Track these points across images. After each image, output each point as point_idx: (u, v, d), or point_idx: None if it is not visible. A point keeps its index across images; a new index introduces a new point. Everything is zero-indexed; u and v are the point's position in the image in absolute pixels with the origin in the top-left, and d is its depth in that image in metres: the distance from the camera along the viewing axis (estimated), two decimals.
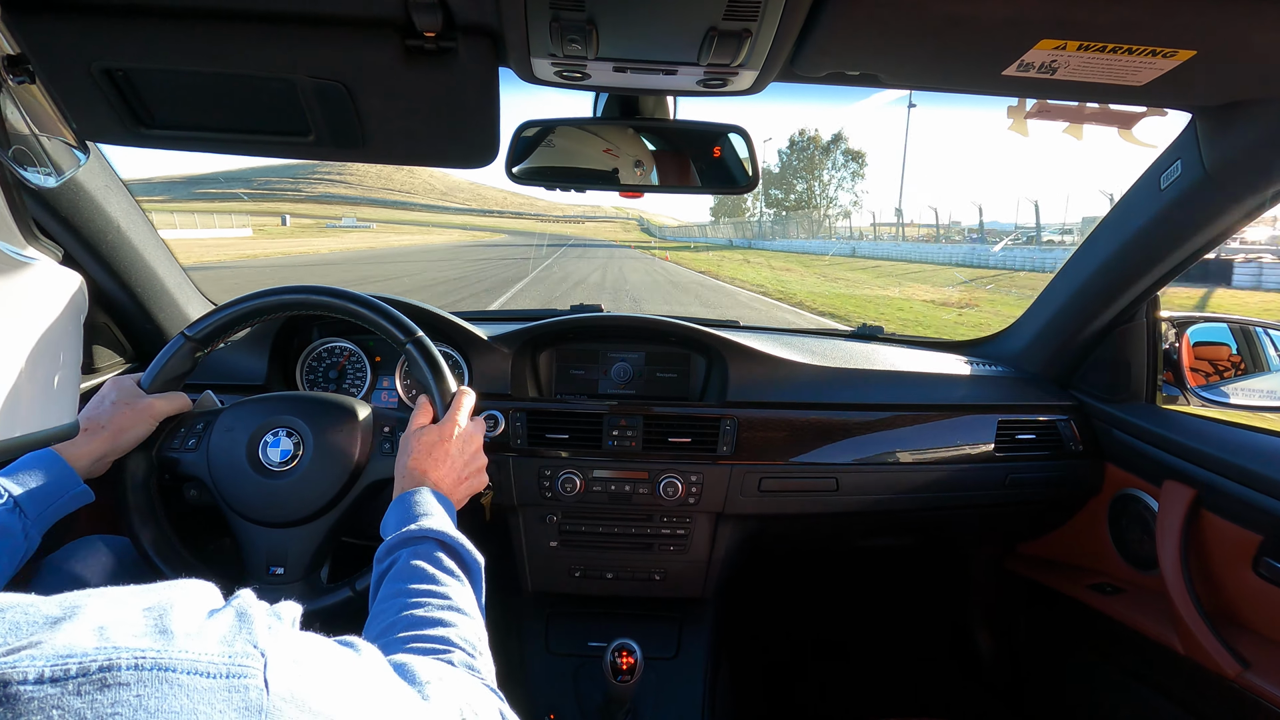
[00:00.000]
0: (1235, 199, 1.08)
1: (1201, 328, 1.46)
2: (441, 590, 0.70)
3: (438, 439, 0.91)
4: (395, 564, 0.74)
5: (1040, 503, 1.54)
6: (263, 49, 0.80)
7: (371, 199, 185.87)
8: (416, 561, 0.73)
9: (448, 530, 0.78)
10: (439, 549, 0.76)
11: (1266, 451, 1.16)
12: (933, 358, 1.64)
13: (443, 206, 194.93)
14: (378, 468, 1.01)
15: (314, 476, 0.98)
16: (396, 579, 0.72)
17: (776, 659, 2.02)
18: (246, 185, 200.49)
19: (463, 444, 0.93)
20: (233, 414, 1.01)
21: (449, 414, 0.95)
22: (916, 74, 0.88)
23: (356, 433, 1.01)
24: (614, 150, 1.12)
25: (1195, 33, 0.73)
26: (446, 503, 0.85)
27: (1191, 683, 1.23)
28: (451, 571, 0.74)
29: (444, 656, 0.62)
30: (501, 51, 0.84)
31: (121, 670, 0.30)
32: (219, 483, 0.98)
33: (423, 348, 1.01)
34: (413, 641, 0.64)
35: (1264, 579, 1.12)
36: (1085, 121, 1.07)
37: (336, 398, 1.06)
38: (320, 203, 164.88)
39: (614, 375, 1.46)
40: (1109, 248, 1.32)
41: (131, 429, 0.94)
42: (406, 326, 1.02)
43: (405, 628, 0.65)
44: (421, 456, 0.89)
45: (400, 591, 0.70)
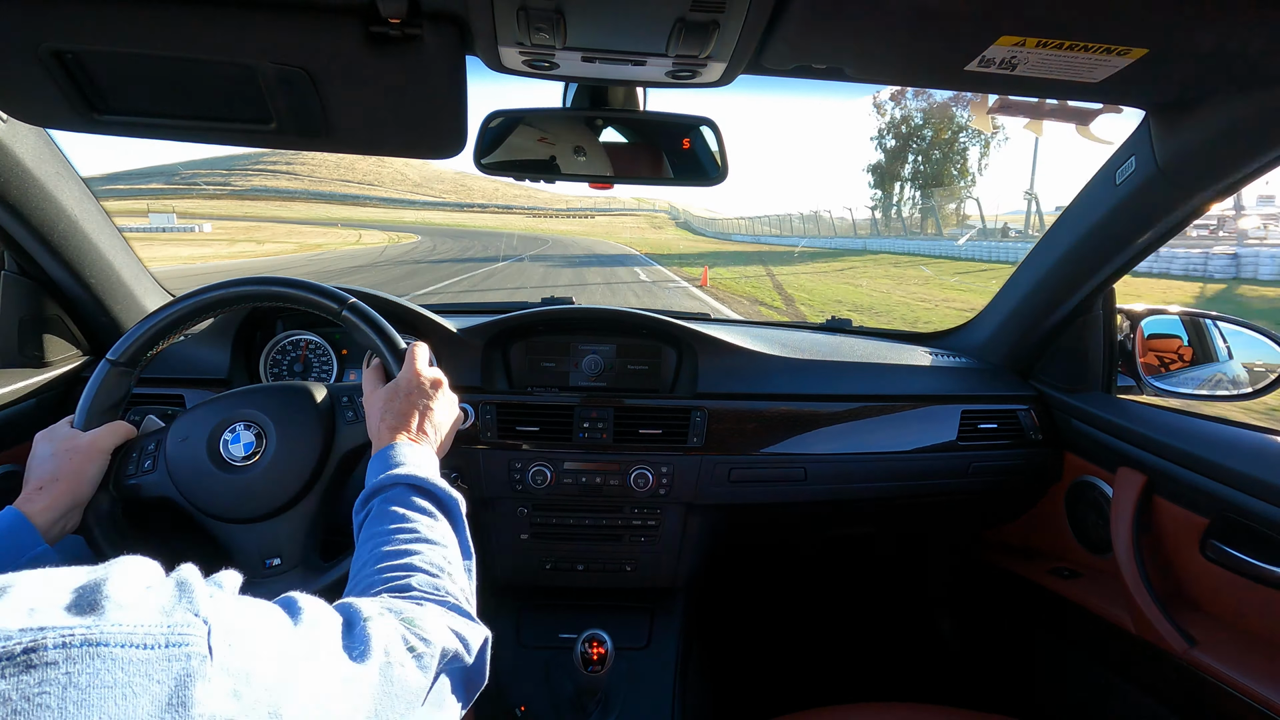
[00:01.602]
0: (1186, 194, 1.12)
1: (1155, 320, 1.50)
2: (410, 526, 0.69)
3: (397, 392, 0.89)
4: (370, 514, 0.73)
5: (1002, 490, 1.58)
6: (222, 33, 0.78)
7: (317, 192, 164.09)
8: (389, 507, 0.72)
9: (417, 473, 0.76)
10: (412, 493, 0.74)
11: (1213, 438, 1.20)
12: (899, 350, 1.67)
13: (409, 200, 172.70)
14: (347, 438, 0.99)
15: (283, 462, 0.95)
16: (370, 526, 0.71)
17: (747, 647, 2.05)
18: (165, 180, 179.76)
19: (426, 390, 0.90)
20: (183, 423, 0.97)
21: (404, 367, 0.93)
22: (881, 68, 0.89)
23: (315, 410, 0.99)
24: (584, 141, 1.12)
25: (1146, 31, 0.75)
26: (424, 450, 0.83)
27: (1143, 661, 1.28)
28: (425, 510, 0.73)
29: (399, 581, 0.62)
30: (468, 39, 0.83)
31: (48, 650, 0.30)
32: (189, 495, 0.94)
33: (359, 312, 0.99)
34: (378, 578, 0.63)
35: (1210, 560, 1.17)
36: (1044, 118, 1.10)
37: (287, 383, 1.04)
38: (251, 198, 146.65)
39: (585, 368, 1.46)
40: (1067, 242, 1.36)
41: (86, 471, 0.87)
42: (338, 296, 0.99)
43: (375, 568, 0.65)
44: (386, 413, 0.87)
45: (372, 535, 0.70)
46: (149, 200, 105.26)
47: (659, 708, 1.42)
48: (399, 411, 0.86)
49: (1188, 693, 1.18)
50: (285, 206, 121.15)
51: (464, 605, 0.63)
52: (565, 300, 1.67)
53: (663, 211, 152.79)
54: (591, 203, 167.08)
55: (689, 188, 1.14)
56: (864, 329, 1.88)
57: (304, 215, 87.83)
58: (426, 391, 0.90)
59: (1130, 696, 1.34)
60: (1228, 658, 1.10)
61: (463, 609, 0.62)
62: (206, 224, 50.00)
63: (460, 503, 0.77)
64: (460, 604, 0.63)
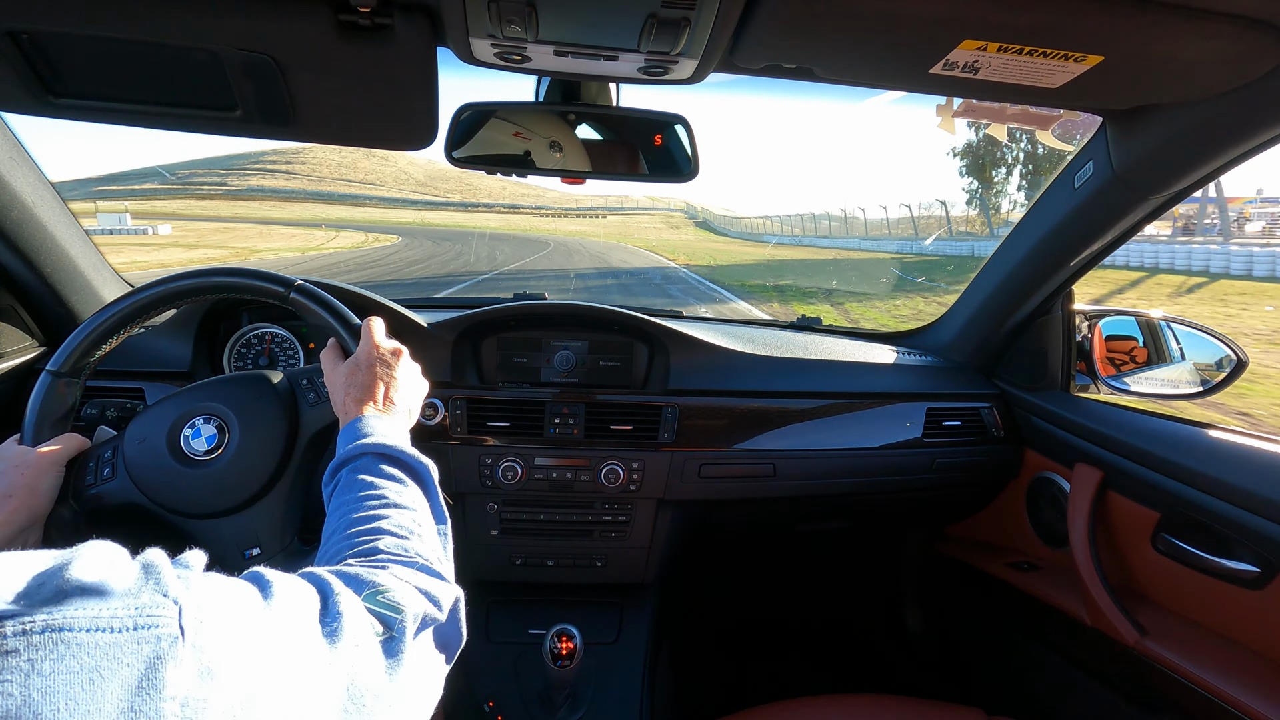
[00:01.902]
0: (1141, 198, 1.16)
1: (1112, 320, 1.55)
2: (379, 493, 0.69)
3: (358, 366, 0.87)
4: (338, 484, 0.72)
5: (965, 486, 1.62)
6: (185, 16, 0.77)
7: (315, 192, 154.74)
8: (357, 476, 0.71)
9: (385, 442, 0.75)
10: (381, 461, 0.73)
11: (1166, 436, 1.25)
12: (867, 348, 1.69)
13: (411, 200, 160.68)
14: (312, 419, 0.98)
15: (249, 451, 0.93)
16: (339, 496, 0.71)
17: (717, 641, 2.06)
18: (162, 180, 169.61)
19: (388, 360, 0.89)
20: (139, 425, 0.94)
21: (362, 341, 0.91)
22: (849, 69, 0.90)
23: (275, 395, 0.97)
24: (557, 135, 1.12)
25: (1102, 39, 0.78)
26: (391, 420, 0.82)
27: (1097, 651, 1.32)
28: (393, 477, 0.72)
29: (367, 545, 0.61)
30: (440, 31, 0.83)
31: (7, 638, 0.30)
32: (155, 496, 0.91)
33: (307, 293, 0.97)
34: (346, 544, 0.63)
35: (1161, 553, 1.21)
36: (1007, 122, 1.13)
37: (243, 373, 1.02)
38: (245, 198, 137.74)
39: (557, 363, 1.46)
40: (1028, 244, 1.39)
41: (40, 485, 0.83)
42: (284, 280, 0.98)
43: (343, 534, 0.64)
44: (350, 389, 0.85)
45: (341, 505, 0.69)
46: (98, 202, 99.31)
47: (628, 702, 1.43)
48: (362, 384, 0.84)
49: (1138, 680, 1.23)
50: (279, 207, 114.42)
51: (434, 566, 0.62)
52: (538, 296, 1.67)
53: (679, 210, 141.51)
54: (603, 201, 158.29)
55: (660, 183, 1.14)
56: (833, 327, 1.90)
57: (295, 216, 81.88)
58: (388, 362, 0.88)
59: (1084, 685, 1.38)
60: (1176, 647, 1.14)
61: (432, 569, 0.61)
62: (164, 225, 44.90)
63: (431, 469, 0.76)
64: (430, 564, 0.62)
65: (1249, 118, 0.93)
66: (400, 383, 0.87)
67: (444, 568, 0.64)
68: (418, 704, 0.51)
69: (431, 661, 0.55)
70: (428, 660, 0.54)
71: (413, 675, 0.50)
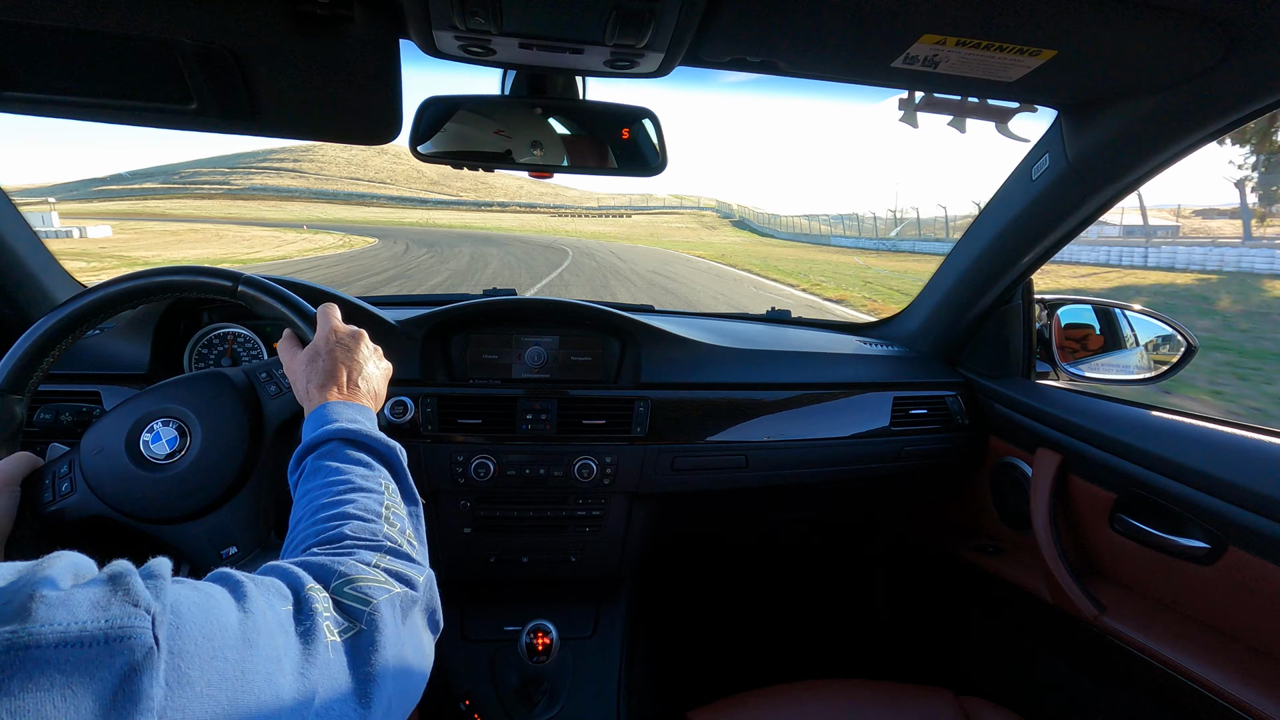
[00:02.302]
0: (1095, 189, 1.19)
1: (1070, 309, 1.60)
2: (344, 478, 0.67)
3: (317, 353, 0.85)
4: (304, 472, 0.71)
5: (932, 473, 1.65)
6: (135, 6, 0.74)
7: (320, 191, 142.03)
8: (322, 462, 0.70)
9: (350, 426, 0.74)
10: (346, 446, 0.72)
11: (1121, 419, 1.29)
12: (836, 339, 1.72)
13: (420, 199, 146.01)
14: (275, 412, 0.96)
15: (213, 450, 0.91)
16: (304, 484, 0.69)
17: (692, 632, 2.08)
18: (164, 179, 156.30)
19: (347, 345, 0.87)
20: (94, 435, 0.90)
21: (319, 328, 0.89)
22: (813, 63, 0.92)
23: (234, 391, 0.95)
24: (525, 129, 1.11)
25: (1055, 34, 0.80)
26: (356, 406, 0.80)
27: (1059, 628, 1.36)
28: (360, 461, 0.70)
29: (332, 531, 0.60)
30: (401, 22, 0.82)
31: None
32: (120, 505, 0.88)
33: (257, 285, 0.95)
34: (311, 531, 0.61)
35: (1118, 533, 1.25)
36: (967, 115, 1.15)
37: (198, 372, 0.99)
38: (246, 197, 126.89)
39: (528, 359, 1.45)
40: (988, 235, 1.43)
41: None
42: (230, 274, 0.95)
43: (309, 521, 0.63)
44: (311, 376, 0.83)
45: (306, 492, 0.67)
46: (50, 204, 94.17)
47: (605, 695, 1.43)
48: (324, 370, 0.83)
49: (1098, 655, 1.27)
50: (278, 207, 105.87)
51: (404, 549, 0.61)
52: (508, 292, 1.66)
53: (709, 209, 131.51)
54: (626, 200, 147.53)
55: (629, 177, 1.14)
56: (803, 320, 1.93)
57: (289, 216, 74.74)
58: (348, 346, 0.86)
59: (1047, 661, 1.42)
60: (1132, 622, 1.18)
61: (402, 551, 0.60)
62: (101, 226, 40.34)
63: (399, 451, 0.75)
64: (399, 547, 0.61)
65: (1195, 110, 0.97)
66: (362, 366, 0.86)
67: (416, 550, 0.63)
68: (399, 692, 0.50)
69: (409, 647, 0.54)
70: (404, 647, 0.53)
71: (388, 664, 0.49)
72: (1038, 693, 1.44)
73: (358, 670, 0.47)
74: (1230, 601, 1.08)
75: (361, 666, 0.47)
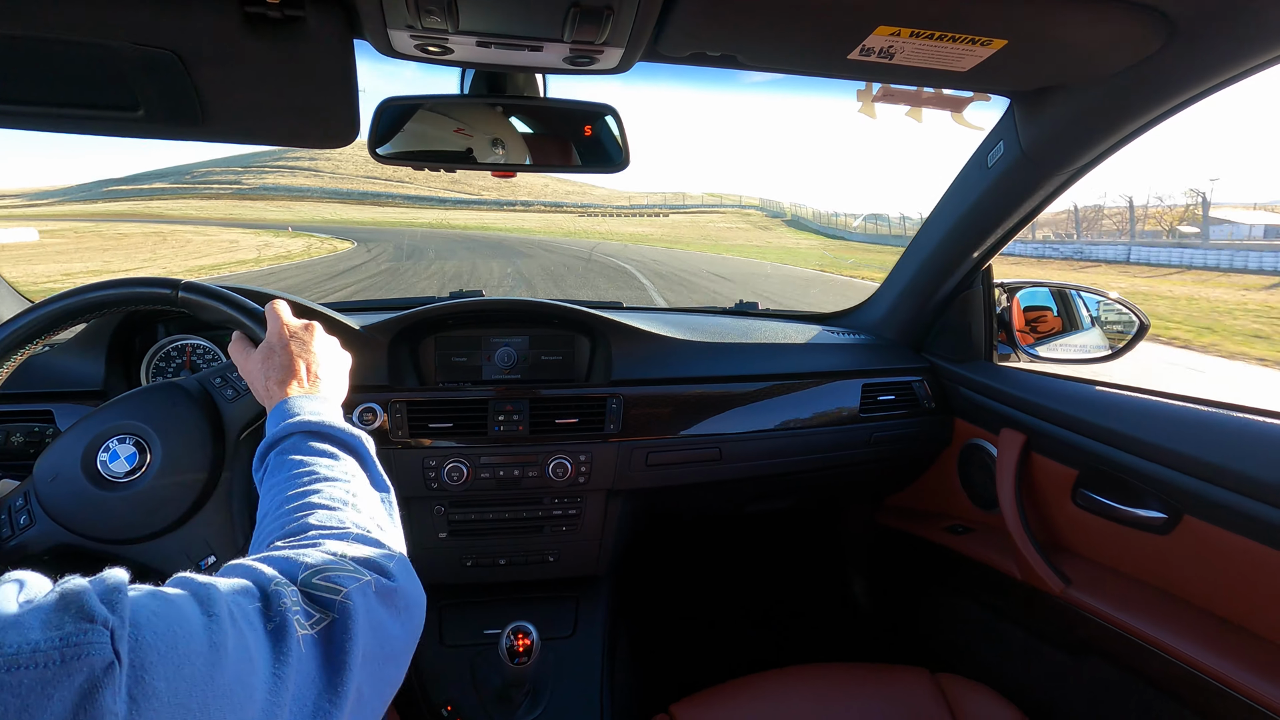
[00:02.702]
0: (1048, 175, 1.23)
1: (1028, 292, 1.64)
2: (309, 470, 0.66)
3: (271, 350, 0.83)
4: (268, 468, 0.69)
5: (901, 457, 1.68)
6: (75, 9, 0.72)
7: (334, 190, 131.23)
8: (286, 457, 0.68)
9: (312, 419, 0.72)
10: (309, 439, 0.70)
11: (1080, 397, 1.33)
12: (804, 330, 1.74)
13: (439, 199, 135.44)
14: (236, 416, 0.94)
15: (175, 461, 0.89)
16: (269, 479, 0.68)
17: (673, 626, 2.09)
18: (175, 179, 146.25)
19: (301, 338, 0.85)
20: (47, 463, 0.87)
21: (269, 325, 0.87)
22: (771, 56, 0.92)
23: (189, 401, 0.92)
24: (487, 128, 1.10)
25: (1004, 24, 0.82)
26: (319, 399, 0.78)
27: (1027, 603, 1.40)
28: (324, 453, 0.69)
29: (298, 523, 0.58)
30: (355, 22, 0.80)
31: None
32: (87, 530, 0.85)
33: (198, 289, 0.92)
34: (276, 524, 0.60)
35: (1080, 507, 1.29)
36: (923, 105, 1.17)
37: (149, 385, 0.96)
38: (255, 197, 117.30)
39: (498, 360, 1.44)
40: (948, 222, 1.46)
41: None
42: (168, 282, 0.92)
43: (275, 514, 0.61)
44: (269, 373, 0.81)
45: (271, 487, 0.66)
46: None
47: (587, 693, 1.44)
48: (281, 365, 0.81)
49: (1065, 627, 1.31)
50: (286, 207, 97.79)
51: (372, 534, 0.59)
52: (475, 293, 1.64)
53: (753, 207, 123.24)
54: (661, 199, 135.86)
55: (593, 174, 1.14)
56: (769, 311, 1.94)
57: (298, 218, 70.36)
58: (302, 339, 0.84)
59: (1018, 636, 1.46)
60: (1097, 593, 1.22)
61: (370, 538, 0.59)
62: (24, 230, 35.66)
63: (365, 440, 0.73)
64: (368, 533, 0.59)
65: (1140, 96, 1.00)
66: (320, 357, 0.84)
67: (386, 534, 0.62)
68: (376, 680, 0.49)
69: (384, 634, 0.52)
70: (378, 635, 0.51)
71: (363, 653, 0.47)
72: (1011, 667, 1.48)
73: (332, 660, 0.45)
74: (1186, 568, 1.12)
75: (336, 656, 0.46)
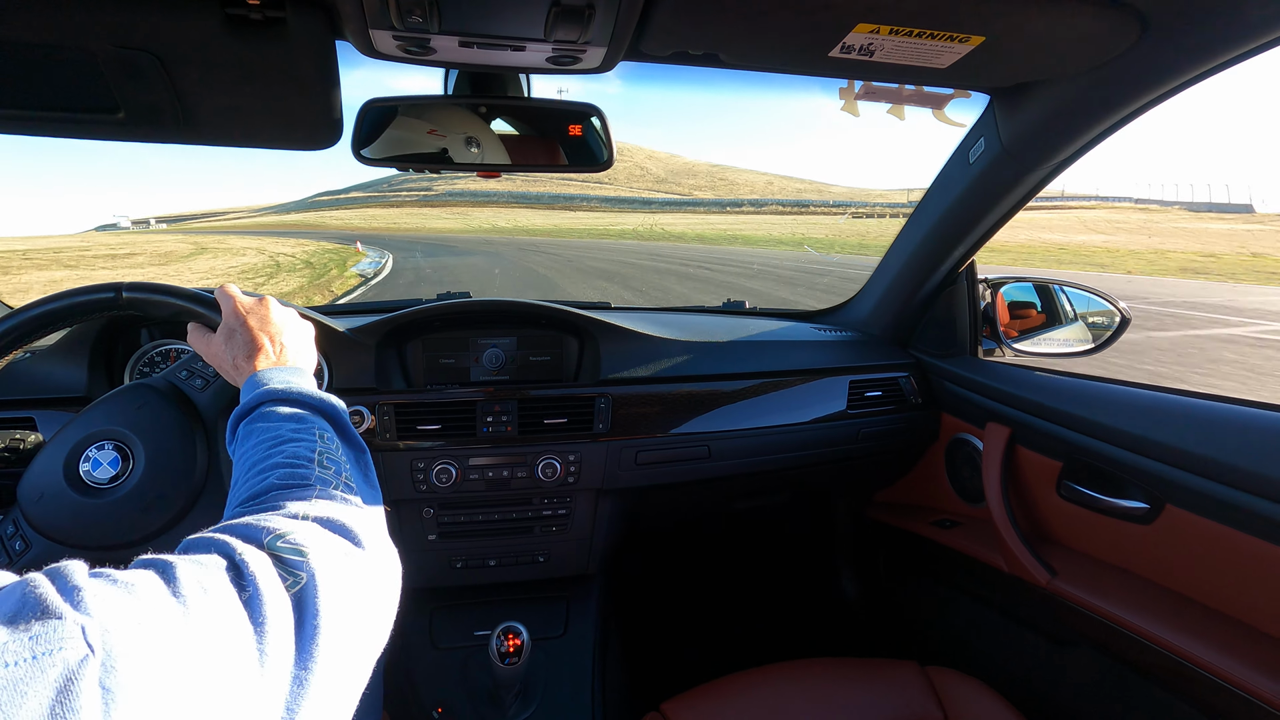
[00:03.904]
0: (1028, 170, 1.24)
1: (1012, 287, 1.66)
2: (275, 434, 0.65)
3: (232, 331, 0.83)
4: (238, 438, 0.69)
5: (888, 453, 1.70)
6: (53, 11, 0.71)
7: (523, 194, 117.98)
8: (255, 425, 0.68)
9: (277, 386, 0.71)
10: (277, 405, 0.70)
11: (1063, 391, 1.34)
12: (791, 327, 1.75)
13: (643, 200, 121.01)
14: (210, 405, 0.94)
15: (161, 459, 0.88)
16: (239, 448, 0.67)
17: (664, 624, 2.09)
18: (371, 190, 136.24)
19: (259, 313, 0.84)
20: (29, 483, 0.87)
21: (224, 307, 0.86)
22: (753, 54, 0.93)
23: (159, 398, 0.92)
24: (471, 129, 1.10)
25: (981, 20, 0.83)
26: (288, 369, 0.78)
27: (1014, 595, 1.41)
28: (291, 417, 0.68)
29: (262, 484, 0.57)
30: (337, 23, 0.80)
31: None
32: (82, 541, 0.85)
33: (143, 287, 0.93)
34: (243, 488, 0.59)
35: (1065, 499, 1.31)
36: (904, 103, 1.18)
37: (115, 390, 0.95)
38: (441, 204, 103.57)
39: (486, 362, 1.44)
40: (931, 218, 1.47)
41: None
42: (110, 286, 0.93)
43: (242, 483, 0.60)
44: (234, 353, 0.81)
45: (242, 457, 0.65)
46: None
47: (578, 692, 1.44)
48: (244, 342, 0.81)
49: (1052, 618, 1.32)
50: (461, 214, 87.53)
51: (339, 491, 0.58)
52: (462, 295, 1.64)
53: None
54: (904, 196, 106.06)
55: (578, 173, 1.14)
56: (758, 310, 1.95)
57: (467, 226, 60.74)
58: (260, 314, 0.84)
59: (1005, 627, 1.48)
60: (1082, 583, 1.24)
61: (334, 495, 0.57)
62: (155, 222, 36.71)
63: (336, 404, 0.72)
64: (331, 490, 0.58)
65: (1116, 91, 1.02)
66: (282, 331, 0.84)
67: (358, 491, 0.60)
68: (353, 643, 0.47)
69: (358, 591, 0.50)
70: (352, 592, 0.49)
71: (336, 614, 0.46)
72: (1000, 658, 1.50)
73: (304, 625, 0.44)
74: (1168, 557, 1.14)
75: (309, 620, 0.44)
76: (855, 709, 1.16)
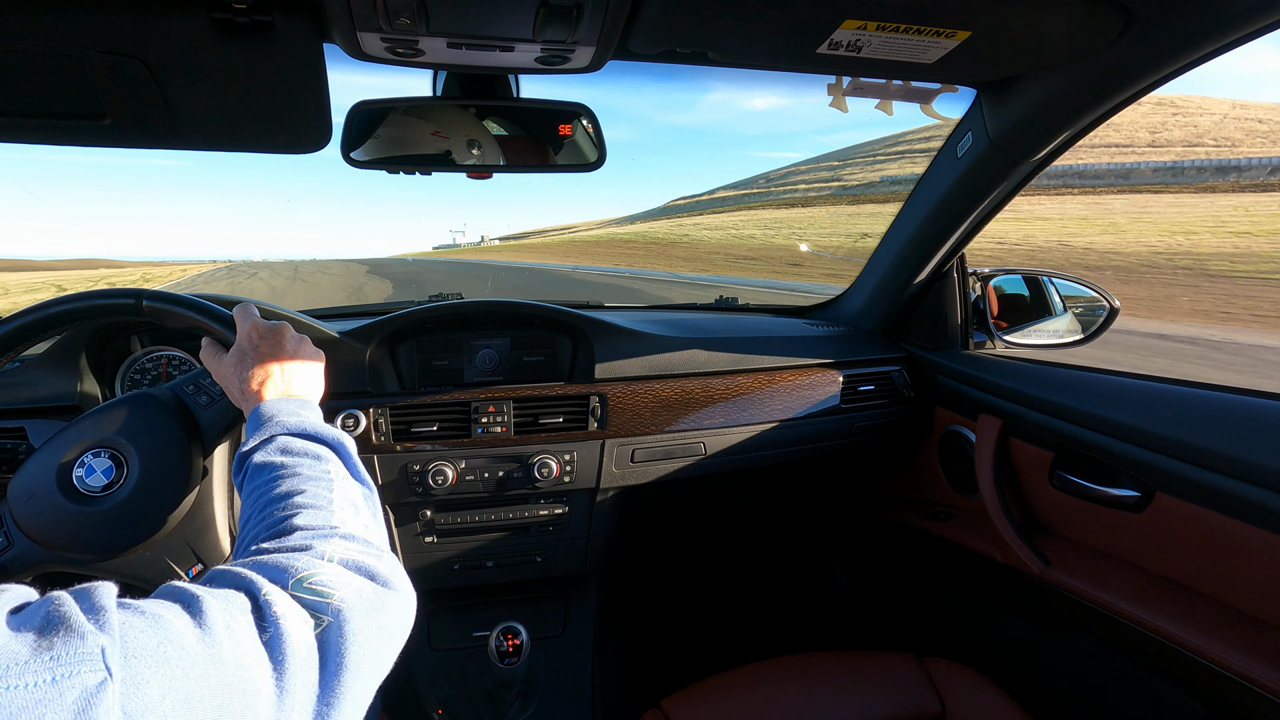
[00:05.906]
0: (1015, 162, 1.25)
1: (1002, 279, 1.67)
2: (291, 471, 0.65)
3: (244, 354, 0.82)
4: (247, 472, 0.68)
5: (882, 446, 1.71)
6: (39, 17, 0.71)
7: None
8: (267, 459, 0.67)
9: (290, 420, 0.71)
10: (290, 440, 0.70)
11: (1054, 381, 1.36)
12: (784, 323, 1.75)
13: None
14: (211, 422, 0.93)
15: (155, 470, 0.87)
16: (249, 484, 0.67)
17: (662, 621, 2.10)
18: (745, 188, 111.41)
19: (272, 339, 0.84)
20: (20, 481, 0.86)
21: (239, 328, 0.86)
22: (741, 51, 0.93)
23: (162, 409, 0.91)
24: (461, 130, 1.10)
25: (967, 15, 0.83)
26: (297, 401, 0.78)
27: (1008, 584, 1.43)
28: (306, 453, 0.68)
29: (283, 524, 0.58)
30: (324, 26, 0.80)
31: None
32: (70, 548, 0.84)
33: (163, 298, 0.92)
34: (261, 527, 0.59)
35: (1057, 489, 1.32)
36: (893, 98, 1.19)
37: (119, 398, 0.94)
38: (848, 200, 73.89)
39: (479, 363, 1.43)
40: (921, 212, 1.48)
41: None
42: (131, 292, 0.92)
43: (258, 517, 0.61)
44: (244, 377, 0.81)
45: (252, 491, 0.65)
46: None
47: (578, 691, 1.44)
48: (255, 368, 0.80)
49: (1046, 607, 1.34)
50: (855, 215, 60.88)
51: (359, 535, 0.59)
52: (454, 296, 1.63)
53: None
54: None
55: (569, 174, 1.14)
56: (749, 306, 1.96)
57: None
58: (273, 340, 0.84)
59: (1000, 617, 1.49)
60: (1075, 572, 1.25)
61: (356, 538, 0.58)
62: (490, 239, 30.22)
63: (347, 442, 0.72)
64: (353, 534, 0.58)
65: (1100, 84, 1.02)
66: (294, 360, 0.83)
67: (373, 534, 0.61)
68: (367, 682, 0.49)
69: (380, 634, 0.51)
70: (371, 637, 0.50)
71: (356, 656, 0.47)
72: (996, 648, 1.51)
73: (328, 666, 0.45)
74: (1159, 544, 1.15)
75: (332, 661, 0.46)
76: (854, 701, 1.17)
